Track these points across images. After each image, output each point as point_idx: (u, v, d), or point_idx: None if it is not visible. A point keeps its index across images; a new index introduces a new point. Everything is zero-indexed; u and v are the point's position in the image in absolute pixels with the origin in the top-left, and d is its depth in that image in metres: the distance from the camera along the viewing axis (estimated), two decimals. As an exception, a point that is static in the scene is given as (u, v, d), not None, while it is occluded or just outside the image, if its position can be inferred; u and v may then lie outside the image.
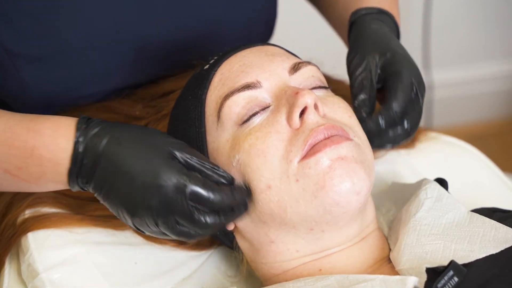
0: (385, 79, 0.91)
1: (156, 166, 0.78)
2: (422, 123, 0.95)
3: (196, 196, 0.78)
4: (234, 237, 0.91)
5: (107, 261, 0.95)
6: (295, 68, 0.89)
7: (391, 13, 1.01)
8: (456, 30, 2.18)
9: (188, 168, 0.80)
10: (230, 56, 0.91)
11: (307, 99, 0.82)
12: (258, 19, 1.11)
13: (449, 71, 2.23)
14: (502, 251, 0.81)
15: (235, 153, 0.84)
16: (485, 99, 2.29)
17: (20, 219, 0.96)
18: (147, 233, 0.82)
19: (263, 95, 0.86)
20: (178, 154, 0.80)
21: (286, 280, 0.86)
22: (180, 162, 0.80)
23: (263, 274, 0.90)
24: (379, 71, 0.92)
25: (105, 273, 0.94)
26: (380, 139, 0.90)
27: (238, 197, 0.82)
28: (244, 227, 0.88)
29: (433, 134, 1.22)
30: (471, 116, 2.30)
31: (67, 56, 0.98)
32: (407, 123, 0.89)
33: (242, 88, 0.86)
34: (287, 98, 0.84)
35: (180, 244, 1.00)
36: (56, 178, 0.82)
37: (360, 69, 0.92)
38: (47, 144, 0.81)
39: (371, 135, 0.89)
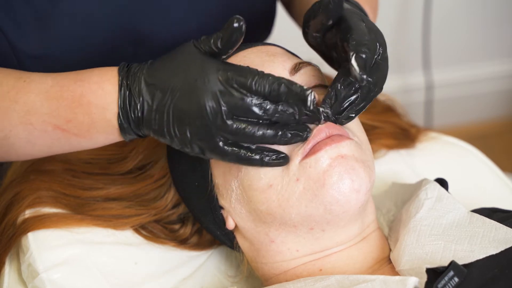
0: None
1: (199, 62, 0.78)
2: (422, 123, 0.93)
3: (242, 83, 0.76)
4: (234, 237, 0.91)
5: (107, 261, 0.95)
6: (296, 68, 0.88)
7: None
8: (456, 30, 2.17)
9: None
10: (231, 56, 0.90)
11: (308, 98, 0.82)
12: (257, 17, 1.11)
13: (449, 71, 2.23)
14: (502, 252, 0.81)
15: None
16: (485, 99, 2.29)
17: (20, 219, 0.96)
18: (206, 145, 0.78)
19: (264, 95, 0.86)
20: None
21: (287, 280, 0.87)
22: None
23: (263, 274, 0.90)
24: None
25: (105, 273, 0.94)
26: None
27: (297, 88, 0.77)
28: (245, 226, 0.88)
29: (433, 134, 1.22)
30: (471, 116, 2.29)
31: (67, 52, 0.98)
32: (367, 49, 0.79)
33: (243, 88, 0.86)
34: (288, 98, 0.84)
35: (180, 244, 1.00)
36: (105, 126, 0.82)
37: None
38: (94, 90, 0.82)
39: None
